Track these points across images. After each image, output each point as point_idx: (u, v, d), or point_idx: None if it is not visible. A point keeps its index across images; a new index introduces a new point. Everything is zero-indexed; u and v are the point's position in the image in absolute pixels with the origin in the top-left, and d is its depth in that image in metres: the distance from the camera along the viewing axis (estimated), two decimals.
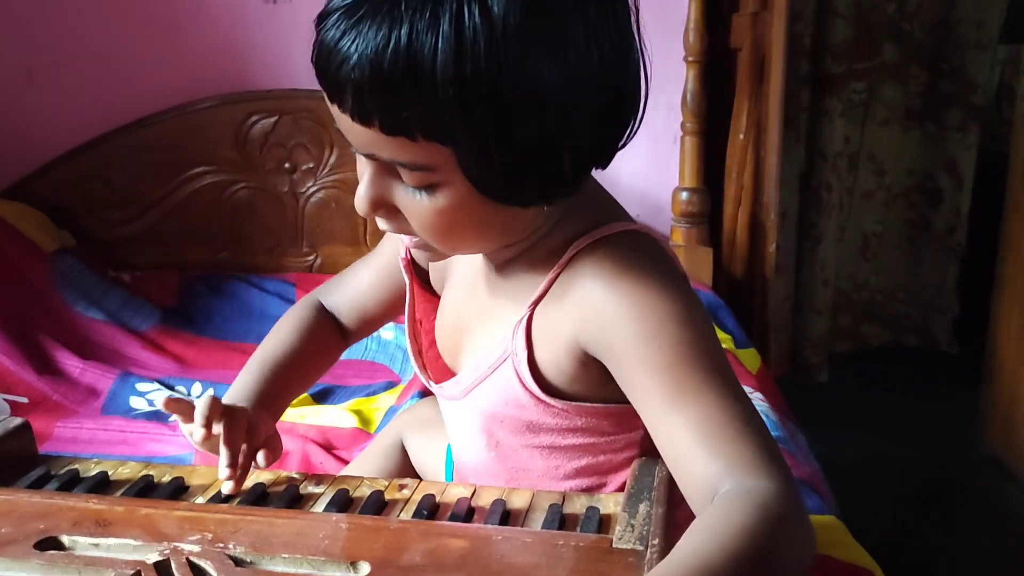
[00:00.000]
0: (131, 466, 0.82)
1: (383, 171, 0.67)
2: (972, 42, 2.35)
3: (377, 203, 0.69)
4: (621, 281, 0.69)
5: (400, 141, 0.62)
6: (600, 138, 0.67)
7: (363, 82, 0.60)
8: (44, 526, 0.68)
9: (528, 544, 0.63)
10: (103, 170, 2.01)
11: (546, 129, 0.62)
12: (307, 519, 0.69)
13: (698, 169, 1.92)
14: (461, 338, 0.84)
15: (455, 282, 0.87)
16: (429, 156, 0.63)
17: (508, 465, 0.83)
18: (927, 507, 2.00)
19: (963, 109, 2.40)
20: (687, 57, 1.87)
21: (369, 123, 0.62)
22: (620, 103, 0.66)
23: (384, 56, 0.58)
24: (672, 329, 0.66)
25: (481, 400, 0.80)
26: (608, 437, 0.79)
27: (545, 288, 0.74)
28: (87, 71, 2.05)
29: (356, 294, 0.97)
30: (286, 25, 2.03)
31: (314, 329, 0.94)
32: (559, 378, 0.75)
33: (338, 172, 2.03)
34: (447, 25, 0.58)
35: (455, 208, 0.66)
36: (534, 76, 0.60)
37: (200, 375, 1.68)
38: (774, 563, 0.56)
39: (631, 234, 0.73)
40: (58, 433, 1.42)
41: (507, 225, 0.71)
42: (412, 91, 0.59)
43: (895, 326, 2.60)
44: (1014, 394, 2.10)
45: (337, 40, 0.60)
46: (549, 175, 0.65)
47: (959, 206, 2.49)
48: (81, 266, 1.86)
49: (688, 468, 0.64)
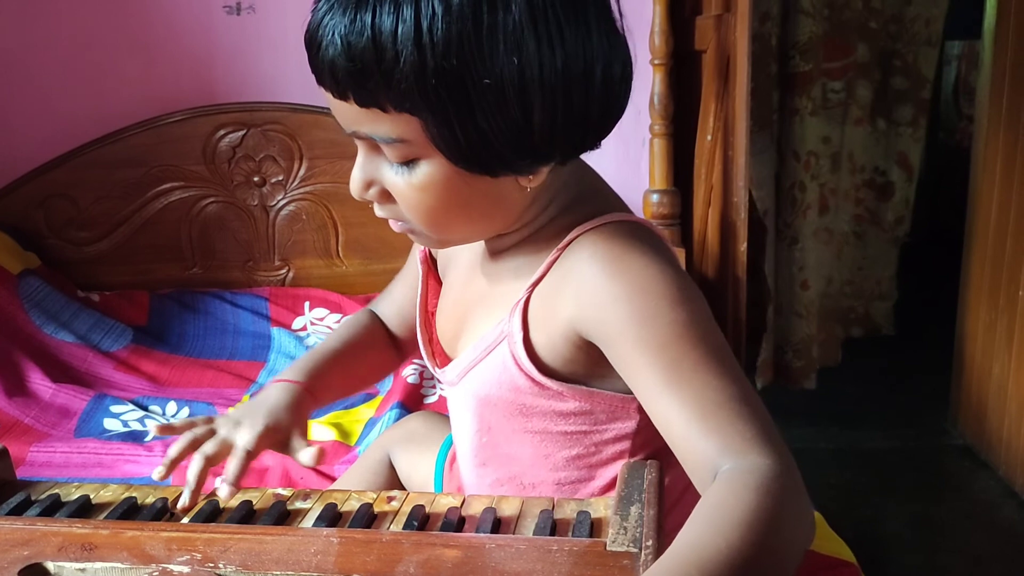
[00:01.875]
0: (113, 488, 0.81)
1: (371, 152, 0.72)
2: (923, 38, 2.41)
3: (367, 183, 0.73)
4: (618, 264, 0.71)
5: (374, 113, 0.67)
6: (571, 115, 0.68)
7: (336, 59, 0.65)
8: (28, 552, 0.67)
9: (522, 551, 0.63)
10: (69, 188, 1.98)
11: (505, 100, 0.64)
12: (297, 535, 0.68)
13: (668, 171, 1.93)
14: (460, 323, 0.86)
15: (456, 270, 0.89)
16: (401, 127, 0.67)
17: (499, 452, 0.84)
18: (900, 497, 2.03)
19: (915, 104, 2.46)
20: (653, 60, 1.88)
21: (345, 97, 0.67)
22: (589, 93, 0.67)
23: (351, 34, 0.64)
24: (668, 309, 0.68)
25: (476, 383, 0.82)
26: (600, 426, 0.80)
27: (544, 271, 0.76)
28: (50, 87, 2.02)
29: (397, 305, 1.01)
30: (251, 36, 2.02)
31: (366, 325, 1.00)
32: (554, 360, 0.76)
33: (308, 184, 2.02)
34: (407, 6, 0.62)
35: (434, 183, 0.70)
36: (489, 51, 0.63)
37: (175, 394, 1.66)
38: (774, 548, 0.56)
39: (630, 224, 0.75)
40: (32, 457, 1.40)
41: (491, 207, 0.74)
42: (375, 63, 0.64)
43: (844, 320, 2.63)
44: (983, 384, 2.14)
45: (319, 24, 0.66)
46: (516, 144, 0.67)
47: (908, 197, 2.55)
48: (48, 288, 1.83)
49: (687, 446, 0.65)
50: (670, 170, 1.93)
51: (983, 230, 2.14)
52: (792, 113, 2.35)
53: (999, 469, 2.07)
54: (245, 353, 1.84)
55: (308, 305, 1.96)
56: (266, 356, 1.83)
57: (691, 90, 2.00)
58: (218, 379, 1.74)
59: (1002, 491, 2.02)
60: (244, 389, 1.69)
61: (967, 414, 2.23)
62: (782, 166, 2.40)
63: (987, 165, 2.11)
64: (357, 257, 2.06)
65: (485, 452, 0.85)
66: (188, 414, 1.57)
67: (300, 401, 0.86)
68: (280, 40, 2.00)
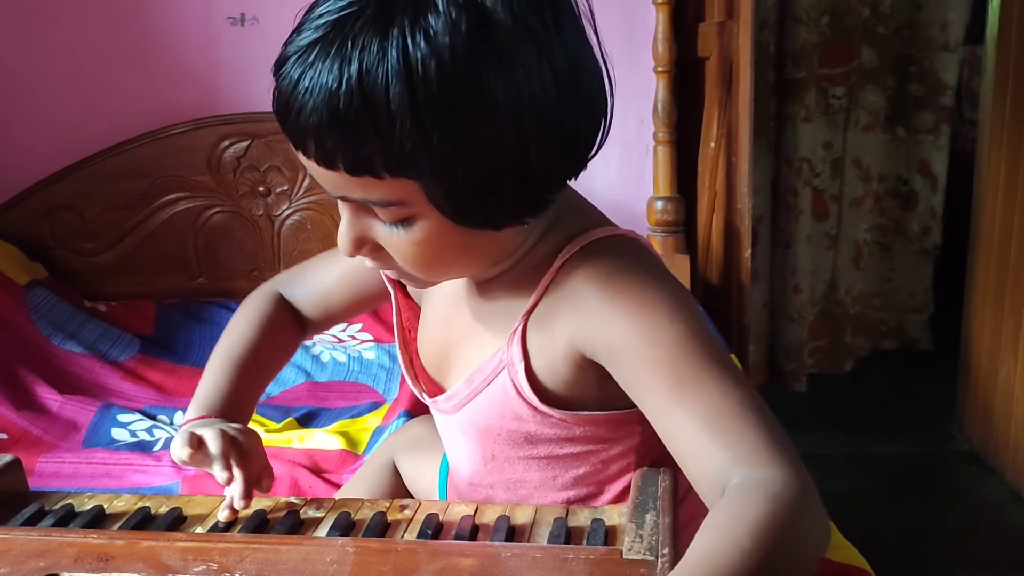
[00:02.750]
0: (126, 498, 0.81)
1: (359, 210, 0.68)
2: (939, 43, 2.38)
3: (359, 242, 0.70)
4: (613, 282, 0.70)
5: (367, 180, 0.63)
6: (565, 152, 0.66)
7: (322, 126, 0.60)
8: (44, 564, 0.67)
9: (538, 559, 0.63)
10: (75, 200, 1.99)
11: (506, 149, 0.62)
12: (312, 544, 0.69)
13: (671, 178, 1.93)
14: (448, 354, 0.84)
15: (437, 299, 0.86)
16: (397, 191, 0.63)
17: (504, 477, 0.83)
18: (907, 502, 2.02)
19: (934, 111, 2.42)
20: (656, 67, 1.89)
21: (334, 166, 0.62)
22: (578, 116, 0.66)
23: (338, 97, 0.59)
24: (667, 324, 0.67)
25: (475, 414, 0.80)
26: (605, 444, 0.79)
27: (537, 298, 0.74)
28: (54, 99, 2.03)
29: (320, 289, 0.95)
30: (255, 47, 2.03)
31: (275, 321, 0.93)
32: (557, 386, 0.75)
33: (313, 194, 2.02)
34: (395, 58, 0.58)
35: (433, 238, 0.67)
36: (487, 98, 0.60)
37: (182, 404, 1.66)
38: (788, 555, 0.56)
39: (616, 238, 0.74)
40: (40, 468, 1.40)
41: (488, 248, 0.72)
42: (370, 128, 0.59)
43: (874, 332, 2.61)
44: (990, 389, 2.14)
45: (293, 87, 0.61)
46: (518, 194, 0.66)
47: (934, 207, 2.50)
48: (55, 298, 1.84)
49: (696, 462, 0.64)
50: (674, 177, 1.93)
51: (988, 235, 2.14)
52: (786, 120, 2.35)
53: (1006, 474, 2.07)
54: None
55: None
56: None
57: (694, 97, 2.00)
58: None
59: (1009, 496, 2.02)
60: None
61: (973, 419, 2.22)
62: (778, 172, 2.40)
63: (991, 170, 2.12)
64: None
65: (492, 478, 0.83)
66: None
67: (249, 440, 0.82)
68: None
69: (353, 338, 1.92)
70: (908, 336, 2.60)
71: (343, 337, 1.92)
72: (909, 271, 2.56)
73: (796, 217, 2.39)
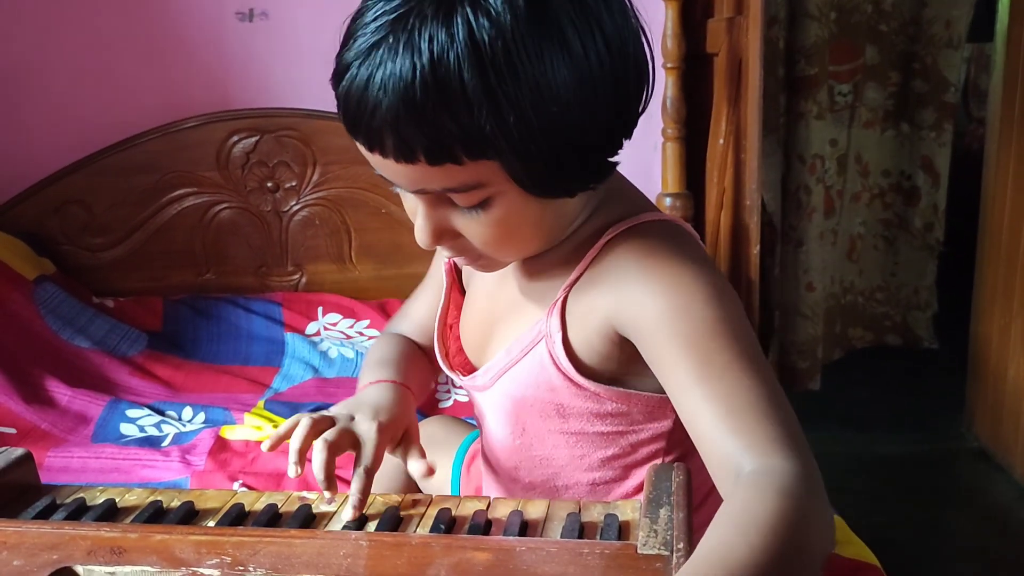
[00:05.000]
0: (138, 492, 0.81)
1: (435, 201, 0.70)
2: (943, 41, 2.38)
3: (438, 234, 0.71)
4: (654, 262, 0.71)
5: (447, 168, 0.64)
6: (621, 113, 0.69)
7: (399, 120, 0.61)
8: (57, 556, 0.67)
9: (553, 554, 0.63)
10: (83, 195, 1.99)
11: (575, 116, 0.64)
12: (326, 538, 0.68)
13: (680, 174, 1.93)
14: (489, 330, 0.86)
15: (482, 277, 0.88)
16: (477, 174, 0.65)
17: (532, 454, 0.84)
18: (916, 501, 2.02)
19: (937, 108, 2.43)
20: (665, 63, 1.88)
21: (414, 159, 0.63)
22: (629, 77, 0.68)
23: (414, 88, 0.60)
24: (702, 306, 0.68)
25: (511, 384, 0.81)
26: (635, 426, 0.80)
27: (580, 271, 0.76)
28: (64, 94, 2.03)
29: (420, 320, 0.99)
30: (264, 43, 2.02)
31: (410, 342, 0.98)
32: (591, 358, 0.77)
33: (321, 189, 2.02)
34: (463, 42, 0.60)
35: (511, 216, 0.69)
36: (552, 69, 0.62)
37: (190, 399, 1.66)
38: (797, 550, 0.56)
39: (663, 223, 0.76)
40: (49, 463, 1.40)
41: (557, 220, 0.75)
42: (447, 114, 0.61)
43: (877, 327, 2.62)
44: (999, 387, 2.13)
45: (364, 88, 0.62)
46: (589, 160, 0.68)
47: (936, 203, 2.51)
48: (63, 294, 1.84)
49: (711, 443, 0.65)
50: (682, 174, 1.93)
51: (996, 232, 2.13)
52: (798, 117, 2.35)
53: (1015, 472, 2.06)
54: (259, 358, 1.84)
55: (322, 310, 1.97)
56: (280, 361, 1.83)
57: (703, 93, 2.00)
58: (233, 384, 1.74)
59: (1018, 494, 2.01)
60: (259, 394, 1.69)
61: (982, 417, 2.22)
62: (788, 169, 2.40)
63: (1000, 167, 2.11)
64: (370, 262, 2.06)
65: (519, 455, 0.85)
66: (204, 419, 1.58)
67: (406, 399, 0.85)
68: (293, 46, 2.00)
69: (361, 334, 1.93)
70: (912, 333, 2.60)
71: (351, 333, 1.92)
72: (913, 267, 2.56)
73: (808, 215, 2.39)
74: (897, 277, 2.59)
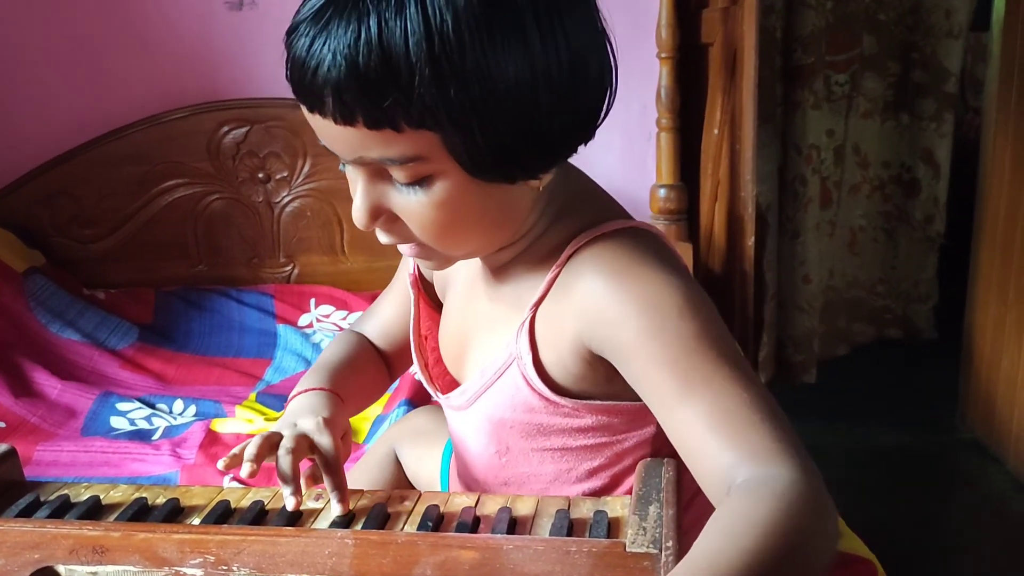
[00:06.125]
0: (123, 489, 0.80)
1: (375, 178, 0.68)
2: (943, 30, 2.36)
3: (375, 212, 0.69)
4: (622, 277, 0.69)
5: (386, 134, 0.63)
6: (574, 104, 0.67)
7: (341, 80, 0.61)
8: (39, 556, 0.66)
9: (540, 552, 0.62)
10: (73, 186, 1.97)
11: (521, 97, 0.62)
12: (311, 536, 0.68)
13: (674, 165, 1.91)
14: (464, 347, 0.84)
15: (455, 291, 0.86)
16: (416, 145, 0.63)
17: (519, 471, 0.82)
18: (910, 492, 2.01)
19: (937, 98, 2.40)
20: (660, 53, 1.87)
21: (353, 121, 0.62)
22: (588, 69, 0.66)
23: (358, 50, 0.60)
24: (676, 321, 0.66)
25: (489, 407, 0.79)
26: (619, 436, 0.78)
27: (545, 289, 0.74)
28: (53, 85, 2.01)
29: (383, 324, 0.98)
30: (253, 32, 2.00)
31: (363, 347, 0.96)
32: (566, 378, 0.75)
33: (313, 181, 2.01)
34: (413, 10, 0.59)
35: (450, 198, 0.67)
36: (502, 47, 0.61)
37: (181, 392, 1.65)
38: (792, 555, 0.54)
39: (630, 230, 0.73)
40: (38, 457, 1.39)
41: (503, 215, 0.71)
42: (390, 79, 0.60)
43: (878, 321, 2.60)
44: (993, 379, 2.13)
45: (308, 47, 0.62)
46: (533, 146, 0.66)
47: (937, 195, 2.49)
48: (53, 286, 1.83)
49: (702, 460, 0.63)
50: (677, 164, 1.91)
51: (992, 223, 2.13)
52: (795, 107, 2.33)
53: (1008, 463, 2.06)
54: (251, 351, 1.83)
55: (314, 302, 1.95)
56: (272, 353, 1.82)
57: (698, 84, 1.98)
58: (224, 377, 1.73)
59: (1012, 485, 2.01)
60: (251, 387, 1.68)
61: (976, 409, 2.21)
62: (785, 160, 2.38)
63: (996, 157, 2.10)
64: (362, 254, 2.05)
65: (506, 472, 0.83)
66: (195, 412, 1.57)
67: (336, 404, 0.83)
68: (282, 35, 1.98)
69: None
70: (913, 325, 2.59)
71: (344, 325, 1.91)
72: (914, 259, 2.54)
73: (804, 206, 2.37)
74: (898, 270, 2.57)
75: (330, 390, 0.84)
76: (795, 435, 0.62)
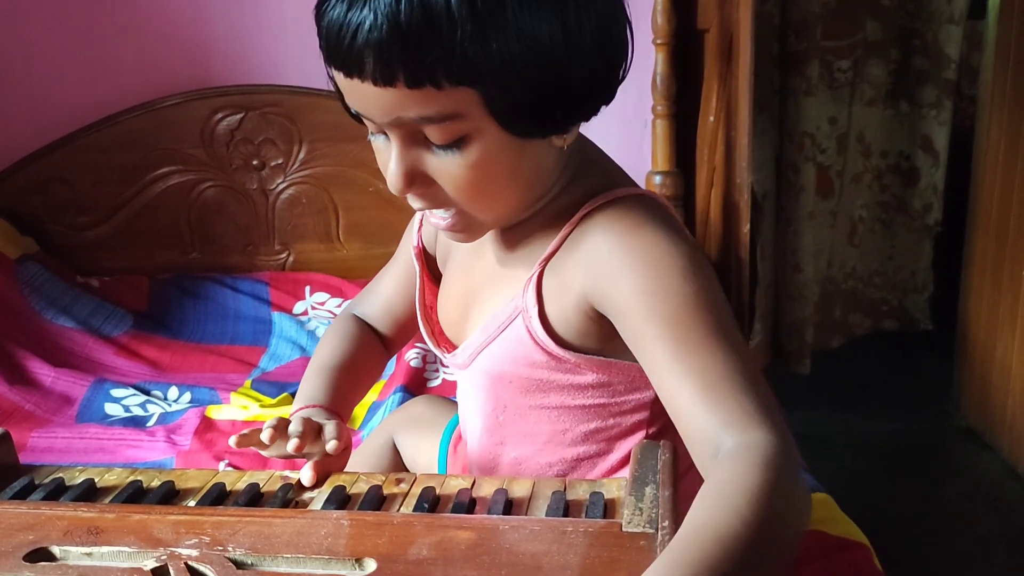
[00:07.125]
0: (117, 472, 0.80)
1: (409, 142, 0.69)
2: (944, 16, 2.34)
3: (411, 175, 0.70)
4: (629, 237, 0.71)
5: (426, 93, 0.63)
6: (604, 57, 0.69)
7: (383, 39, 0.61)
8: (33, 537, 0.66)
9: (536, 532, 0.62)
10: (66, 173, 1.96)
11: (556, 55, 0.65)
12: (307, 517, 0.68)
13: (670, 152, 1.91)
14: (467, 307, 0.85)
15: (456, 259, 0.88)
16: (455, 102, 0.64)
17: (516, 430, 0.83)
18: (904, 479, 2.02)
19: (937, 85, 2.38)
20: (656, 39, 1.86)
21: (393, 81, 0.63)
22: (614, 34, 0.69)
23: (399, 8, 0.60)
24: (678, 282, 0.68)
25: (489, 361, 0.81)
26: (618, 398, 0.80)
27: (556, 245, 0.76)
28: (46, 71, 1.99)
29: (384, 301, 0.98)
30: (247, 18, 1.99)
31: (360, 336, 0.96)
32: (568, 333, 0.76)
33: (308, 168, 2.00)
34: None
35: (486, 157, 0.68)
36: (538, 5, 0.63)
37: (176, 379, 1.65)
38: (783, 521, 0.57)
39: (640, 197, 0.76)
40: (33, 443, 1.39)
41: (534, 174, 0.74)
42: (432, 35, 0.61)
43: (875, 312, 2.59)
44: (987, 366, 2.13)
45: (347, 11, 0.62)
46: (566, 100, 0.68)
47: (936, 184, 2.47)
48: (47, 273, 1.82)
49: (689, 420, 0.65)
50: (672, 151, 1.91)
51: (986, 211, 2.13)
52: (789, 94, 2.32)
53: (1002, 451, 2.07)
54: (246, 338, 1.83)
55: (309, 290, 1.95)
56: (267, 341, 1.82)
57: (694, 70, 1.98)
58: (219, 364, 1.73)
59: (1005, 472, 2.02)
60: (246, 374, 1.68)
61: (970, 396, 2.22)
62: (781, 147, 2.37)
63: (990, 145, 2.10)
64: (358, 241, 2.04)
65: (503, 431, 0.84)
66: (190, 399, 1.56)
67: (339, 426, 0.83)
68: (277, 21, 1.97)
69: None
70: (909, 316, 2.58)
71: (338, 313, 1.91)
72: (911, 250, 2.53)
73: (796, 194, 2.36)
74: (894, 260, 2.55)
75: (330, 408, 0.85)
76: (775, 404, 0.65)
